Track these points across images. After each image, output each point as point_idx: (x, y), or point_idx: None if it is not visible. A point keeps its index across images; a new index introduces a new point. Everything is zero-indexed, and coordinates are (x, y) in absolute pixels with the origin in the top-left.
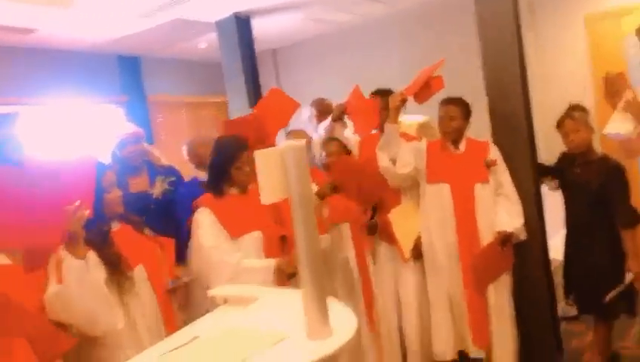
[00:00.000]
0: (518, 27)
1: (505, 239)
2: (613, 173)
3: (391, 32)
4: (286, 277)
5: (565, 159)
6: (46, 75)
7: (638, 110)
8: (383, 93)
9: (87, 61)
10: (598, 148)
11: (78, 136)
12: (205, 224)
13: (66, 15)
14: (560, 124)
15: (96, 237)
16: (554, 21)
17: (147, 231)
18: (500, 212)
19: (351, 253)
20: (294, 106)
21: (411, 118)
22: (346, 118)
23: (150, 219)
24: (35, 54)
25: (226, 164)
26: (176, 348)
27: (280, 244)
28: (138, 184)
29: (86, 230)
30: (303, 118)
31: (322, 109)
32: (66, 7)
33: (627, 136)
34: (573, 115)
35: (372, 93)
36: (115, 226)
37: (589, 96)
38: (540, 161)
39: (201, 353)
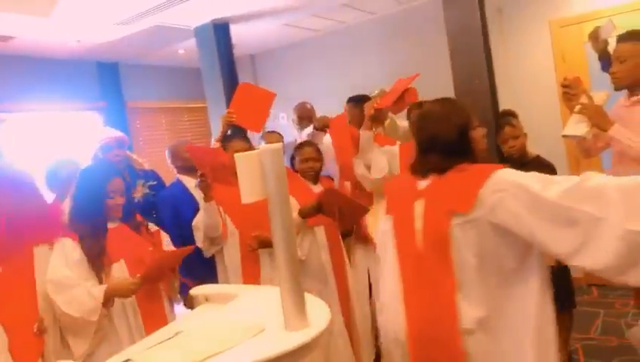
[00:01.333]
0: (486, 33)
1: None
2: (545, 173)
3: (367, 38)
4: None
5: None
6: (25, 81)
7: (592, 113)
8: (359, 100)
9: (66, 68)
10: (563, 149)
11: (57, 142)
12: None
13: (45, 22)
14: (499, 132)
15: (88, 231)
16: (520, 27)
17: (147, 230)
18: None
19: (326, 257)
20: (269, 96)
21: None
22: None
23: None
24: (13, 61)
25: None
26: (160, 343)
27: None
28: None
29: (78, 223)
30: (280, 122)
31: (304, 114)
32: (44, 15)
33: (583, 138)
34: (512, 122)
35: (348, 100)
36: (113, 224)
37: (554, 100)
38: None
39: (184, 346)
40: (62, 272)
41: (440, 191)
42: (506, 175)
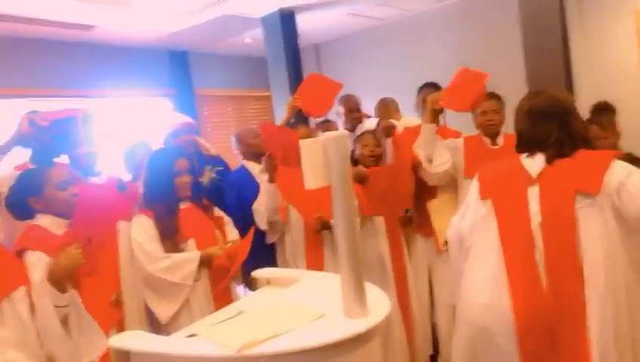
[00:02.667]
0: (563, 20)
1: None
2: None
3: (433, 26)
4: None
5: None
6: (103, 68)
7: None
8: (429, 87)
9: (141, 56)
10: None
11: (131, 127)
12: None
13: (122, 12)
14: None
15: (162, 210)
16: (603, 14)
17: (215, 212)
18: None
19: (384, 247)
20: (336, 87)
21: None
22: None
23: None
24: (94, 49)
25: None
26: (222, 321)
27: None
28: None
29: (153, 203)
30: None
31: (351, 106)
32: (124, 5)
33: None
34: (602, 122)
35: (420, 88)
36: (184, 204)
37: (637, 91)
38: None
39: (245, 325)
40: (150, 246)
41: (561, 174)
42: (626, 163)
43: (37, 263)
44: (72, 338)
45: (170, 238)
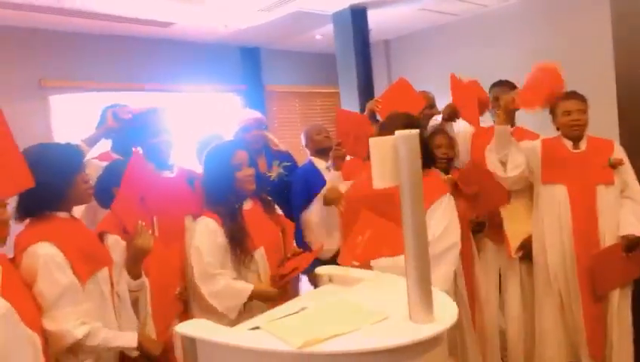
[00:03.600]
0: None
1: (631, 244)
2: None
3: (512, 22)
4: None
5: None
6: (178, 64)
7: None
8: (502, 85)
9: (214, 52)
10: None
11: (201, 122)
12: None
13: (198, 10)
14: None
15: (225, 212)
16: None
17: (277, 210)
18: (626, 214)
19: None
20: (419, 103)
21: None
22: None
23: None
24: (171, 46)
25: None
26: (285, 316)
27: None
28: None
29: (217, 204)
30: None
31: (427, 103)
32: (200, 3)
33: None
34: None
35: (492, 86)
36: (247, 205)
37: None
38: None
39: (308, 322)
40: (206, 258)
41: None
42: None
43: (116, 247)
44: (140, 319)
45: (240, 245)
